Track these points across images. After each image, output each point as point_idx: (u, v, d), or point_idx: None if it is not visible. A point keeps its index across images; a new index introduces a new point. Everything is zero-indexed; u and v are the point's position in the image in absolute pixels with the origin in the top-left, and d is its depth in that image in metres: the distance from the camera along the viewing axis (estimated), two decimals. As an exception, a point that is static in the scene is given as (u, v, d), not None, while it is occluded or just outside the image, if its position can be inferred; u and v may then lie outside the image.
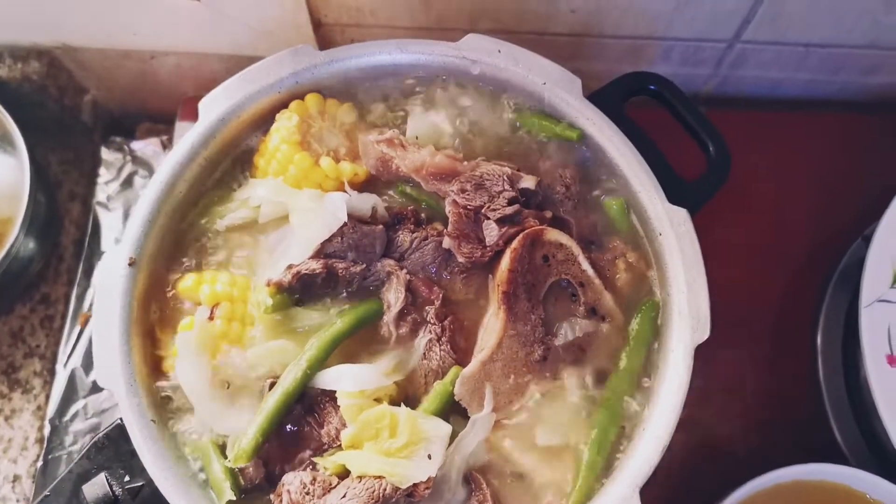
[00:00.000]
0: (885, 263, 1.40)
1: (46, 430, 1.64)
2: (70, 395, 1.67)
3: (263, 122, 1.31)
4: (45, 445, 1.62)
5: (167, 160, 1.23)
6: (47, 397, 1.67)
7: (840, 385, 1.51)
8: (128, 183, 1.85)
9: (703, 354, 1.17)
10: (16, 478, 1.61)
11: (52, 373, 1.69)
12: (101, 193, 1.84)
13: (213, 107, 1.26)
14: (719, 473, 1.36)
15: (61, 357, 1.70)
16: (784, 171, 1.71)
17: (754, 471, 1.28)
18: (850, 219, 1.64)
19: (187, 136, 1.24)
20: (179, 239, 1.28)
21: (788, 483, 1.28)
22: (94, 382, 1.66)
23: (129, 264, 1.19)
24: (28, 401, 1.66)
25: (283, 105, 1.29)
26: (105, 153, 1.87)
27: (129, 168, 1.86)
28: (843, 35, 1.59)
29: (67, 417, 1.65)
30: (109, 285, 1.18)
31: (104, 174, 1.86)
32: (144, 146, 1.88)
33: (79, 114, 1.85)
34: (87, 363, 1.69)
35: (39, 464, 1.61)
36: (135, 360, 1.17)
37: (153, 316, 1.23)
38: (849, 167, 1.71)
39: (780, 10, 1.50)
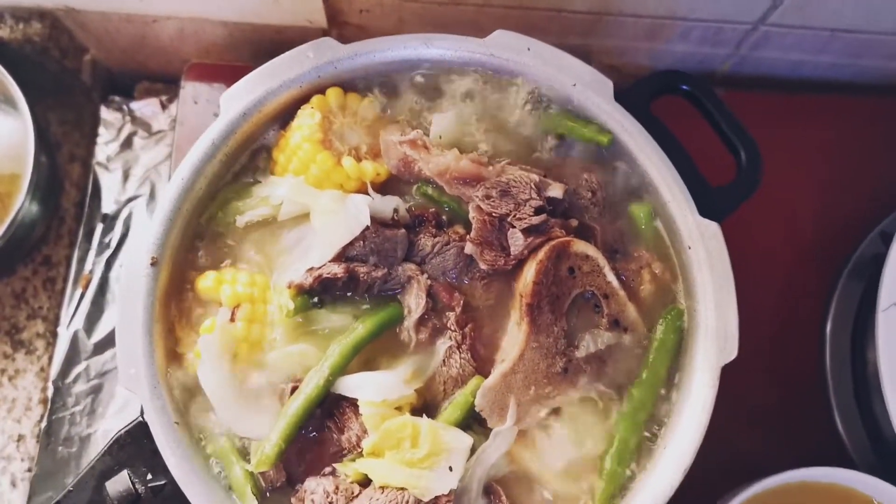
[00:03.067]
0: (906, 268, 1.37)
1: (50, 391, 1.64)
2: (72, 357, 1.66)
3: (282, 115, 1.28)
4: (48, 406, 1.63)
5: (188, 158, 1.20)
6: (50, 359, 1.67)
7: (847, 379, 1.50)
8: (127, 144, 1.81)
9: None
10: (20, 437, 1.62)
11: (54, 334, 1.68)
12: (100, 154, 1.80)
13: (233, 103, 1.22)
14: (724, 472, 1.35)
15: (63, 319, 1.69)
16: (799, 155, 1.66)
17: (758, 470, 1.29)
18: (864, 208, 1.61)
19: (207, 133, 1.20)
20: (198, 234, 1.25)
21: (796, 484, 1.29)
22: (96, 345, 1.66)
23: (152, 264, 1.17)
24: (31, 362, 1.66)
25: (304, 99, 1.25)
26: (105, 113, 1.82)
27: (128, 129, 1.82)
28: (870, 21, 1.54)
29: (70, 379, 1.65)
30: (132, 287, 1.16)
31: (104, 134, 1.81)
32: (143, 106, 1.83)
33: (79, 74, 1.79)
34: (89, 326, 1.68)
35: (43, 424, 1.62)
36: (158, 362, 1.16)
37: (173, 314, 1.22)
38: (865, 154, 1.68)
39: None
